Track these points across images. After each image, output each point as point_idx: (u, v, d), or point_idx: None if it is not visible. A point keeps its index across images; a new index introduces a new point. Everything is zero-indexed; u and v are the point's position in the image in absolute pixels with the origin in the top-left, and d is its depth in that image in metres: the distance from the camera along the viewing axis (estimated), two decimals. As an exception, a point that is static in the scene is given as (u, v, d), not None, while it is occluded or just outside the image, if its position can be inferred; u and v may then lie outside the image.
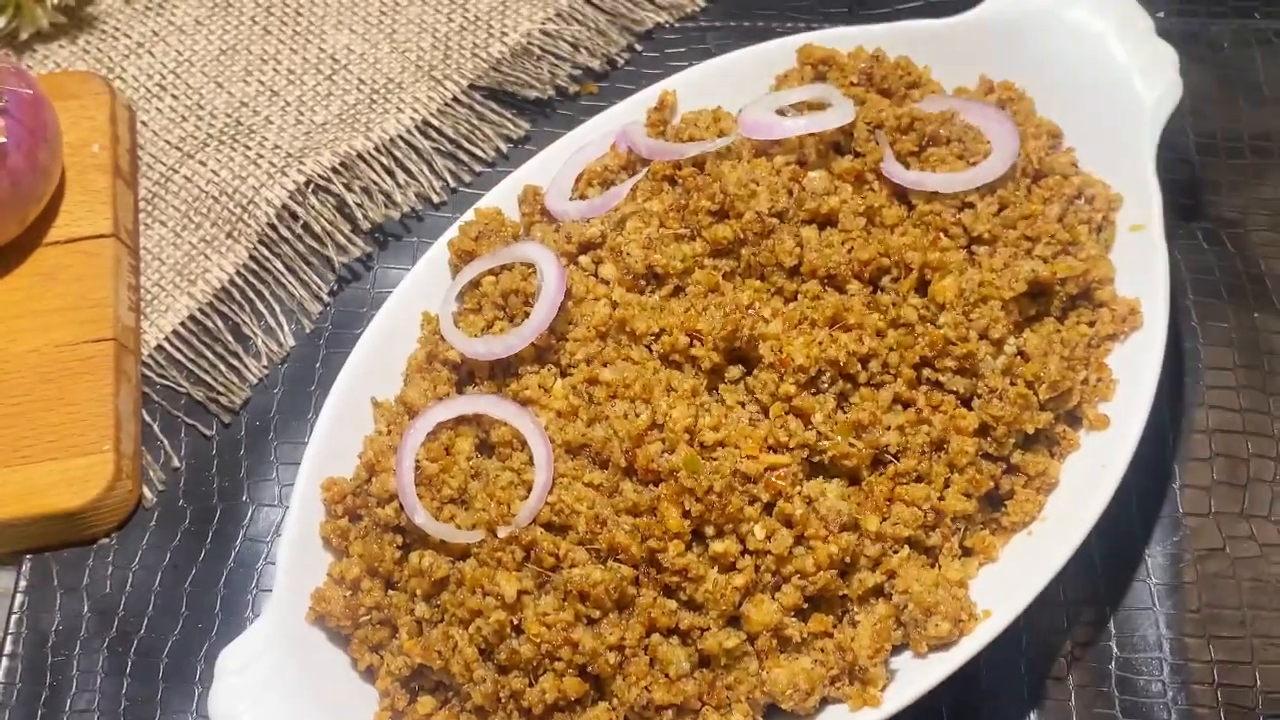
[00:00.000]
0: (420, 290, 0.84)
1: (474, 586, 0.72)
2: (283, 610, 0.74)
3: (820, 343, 0.76)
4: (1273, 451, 0.85)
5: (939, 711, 0.79)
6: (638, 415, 0.74)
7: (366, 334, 0.82)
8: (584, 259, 0.82)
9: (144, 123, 1.00)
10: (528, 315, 0.79)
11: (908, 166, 0.83)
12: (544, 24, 1.02)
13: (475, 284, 0.83)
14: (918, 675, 0.72)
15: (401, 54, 1.01)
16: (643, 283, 0.81)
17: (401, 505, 0.74)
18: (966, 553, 0.77)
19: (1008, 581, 0.75)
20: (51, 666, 0.81)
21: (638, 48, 1.02)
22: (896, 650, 0.74)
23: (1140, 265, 0.82)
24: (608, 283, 0.81)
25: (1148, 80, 0.86)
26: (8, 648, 0.82)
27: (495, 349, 0.79)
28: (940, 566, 0.75)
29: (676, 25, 1.04)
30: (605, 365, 0.78)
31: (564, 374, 0.79)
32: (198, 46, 1.03)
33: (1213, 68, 1.01)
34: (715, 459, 0.73)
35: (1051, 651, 0.80)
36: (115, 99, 0.97)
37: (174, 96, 1.00)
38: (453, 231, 0.85)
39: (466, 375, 0.81)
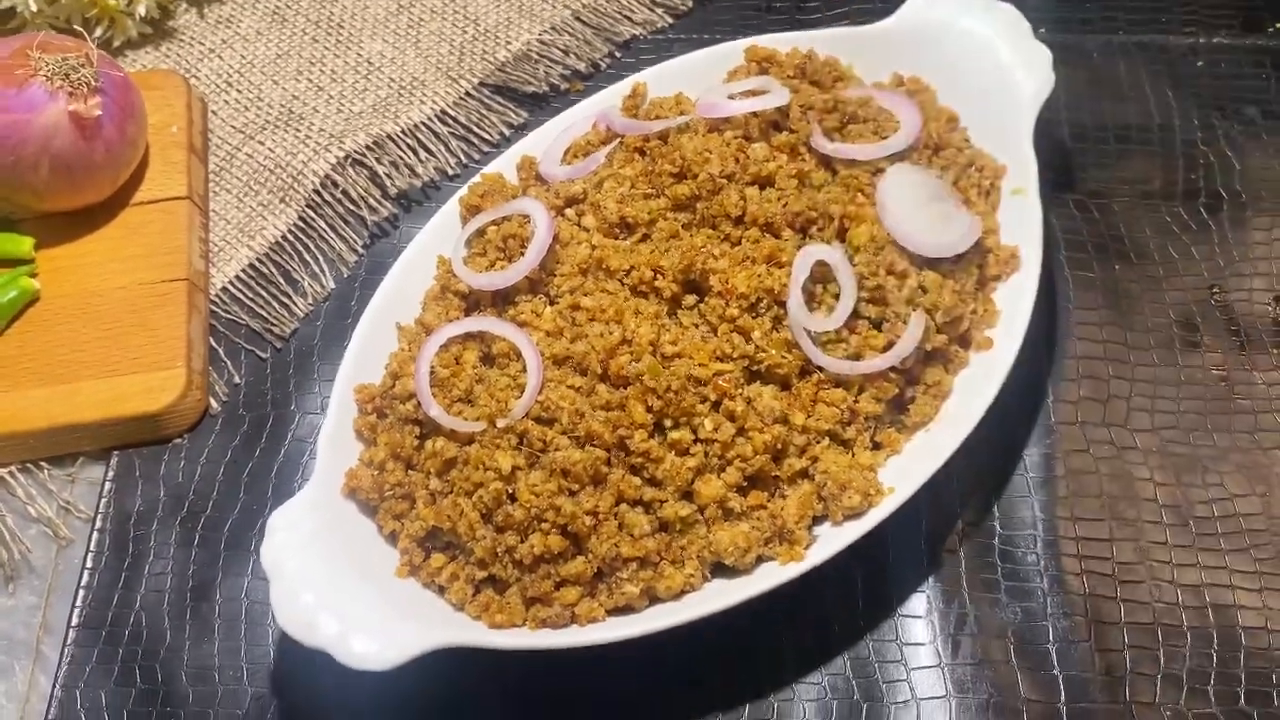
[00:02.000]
0: (436, 239, 0.87)
1: (477, 464, 0.75)
2: (322, 485, 0.76)
3: (759, 275, 0.80)
4: (1128, 374, 0.88)
5: (854, 581, 0.81)
6: (611, 333, 0.78)
7: (391, 272, 0.85)
8: (569, 211, 0.86)
9: (214, 112, 1.03)
10: (523, 255, 0.82)
11: (831, 140, 0.86)
12: (541, 35, 1.05)
13: (481, 232, 0.86)
14: (834, 538, 0.76)
15: (424, 58, 1.05)
16: (617, 231, 0.84)
17: (419, 402, 0.77)
18: (876, 446, 0.80)
19: (909, 469, 0.78)
20: (134, 539, 0.84)
21: (617, 54, 1.06)
22: (818, 521, 0.77)
23: (1020, 222, 0.85)
24: (588, 230, 0.84)
25: (1028, 72, 0.90)
26: (98, 524, 0.85)
27: (496, 281, 0.82)
28: (854, 454, 0.79)
29: (649, 37, 1.07)
30: (586, 295, 0.81)
31: (552, 302, 0.82)
32: (258, 52, 1.06)
33: (1084, 72, 1.04)
34: (673, 367, 0.76)
35: (945, 531, 0.83)
36: (190, 91, 1.00)
37: (238, 91, 1.04)
38: (463, 192, 0.89)
39: (473, 303, 0.84)
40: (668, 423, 0.76)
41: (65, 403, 0.85)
